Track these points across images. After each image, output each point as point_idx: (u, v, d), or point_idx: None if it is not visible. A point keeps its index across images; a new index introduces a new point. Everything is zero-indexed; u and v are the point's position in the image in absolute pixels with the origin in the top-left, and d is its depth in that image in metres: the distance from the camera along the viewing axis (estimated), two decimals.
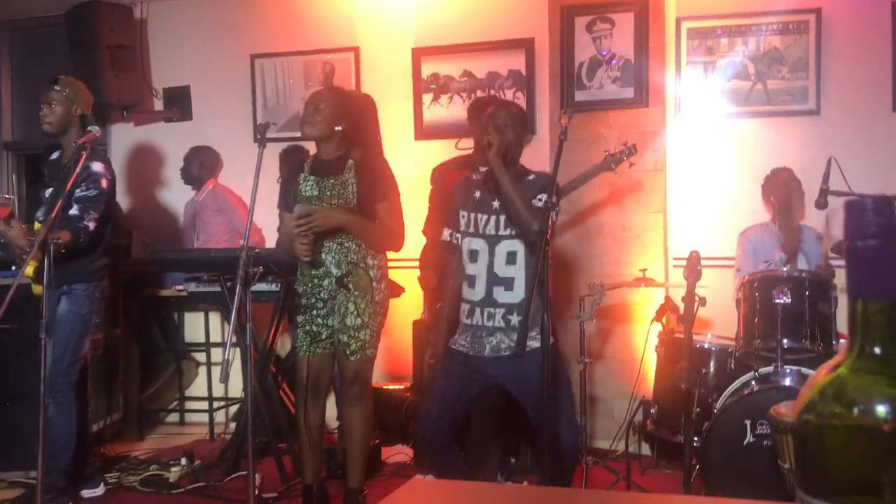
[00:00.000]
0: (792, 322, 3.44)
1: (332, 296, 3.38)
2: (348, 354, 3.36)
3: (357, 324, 3.34)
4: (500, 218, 3.11)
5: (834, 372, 0.57)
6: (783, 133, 4.66)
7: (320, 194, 3.36)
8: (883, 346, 0.55)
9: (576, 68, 4.67)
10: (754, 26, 4.66)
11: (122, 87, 5.29)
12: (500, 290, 3.09)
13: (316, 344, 3.41)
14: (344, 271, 3.35)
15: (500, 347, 3.09)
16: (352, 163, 3.38)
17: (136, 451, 4.78)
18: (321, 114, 3.32)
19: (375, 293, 3.38)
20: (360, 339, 3.35)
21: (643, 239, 4.57)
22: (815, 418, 0.56)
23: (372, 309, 3.37)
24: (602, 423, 4.57)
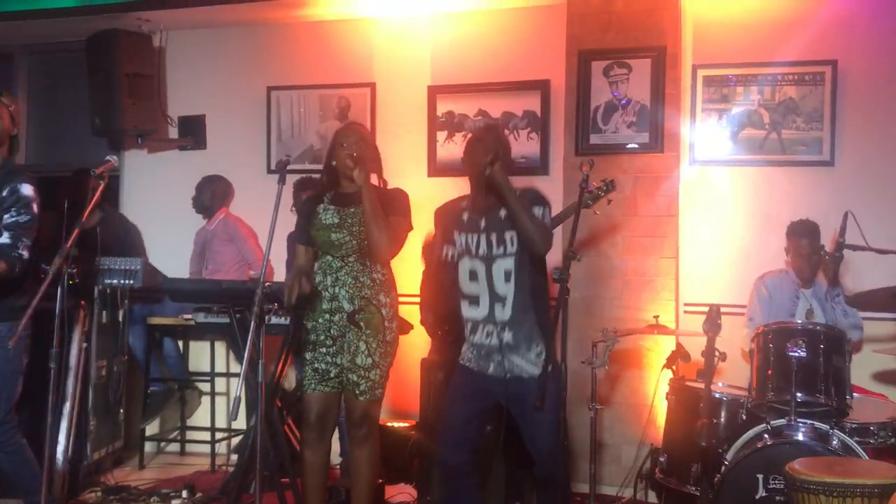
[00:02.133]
0: (806, 375, 3.42)
1: (342, 333, 3.35)
2: (357, 394, 3.33)
3: (368, 363, 3.31)
4: (490, 237, 3.20)
5: None
6: (797, 183, 4.67)
7: (341, 222, 3.35)
8: None
9: (591, 111, 4.69)
10: (770, 76, 4.69)
11: (139, 115, 5.31)
12: (499, 307, 3.18)
13: (324, 382, 3.38)
14: (356, 307, 3.32)
15: (502, 369, 3.16)
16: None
17: (137, 480, 4.72)
18: (363, 149, 3.35)
19: (387, 332, 3.36)
20: (370, 379, 3.32)
21: (655, 284, 4.56)
22: None
23: (383, 349, 3.35)
24: (609, 469, 4.52)
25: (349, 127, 3.56)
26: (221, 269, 5.07)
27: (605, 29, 4.65)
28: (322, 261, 3.40)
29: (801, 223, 4.18)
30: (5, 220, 3.28)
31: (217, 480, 4.57)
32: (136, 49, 5.36)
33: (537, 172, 5.00)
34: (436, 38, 5.27)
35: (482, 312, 3.20)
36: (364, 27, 5.37)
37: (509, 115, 5.12)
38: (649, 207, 4.57)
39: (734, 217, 4.77)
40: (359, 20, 5.36)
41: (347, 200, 3.38)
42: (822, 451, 3.24)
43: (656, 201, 4.57)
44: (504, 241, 3.18)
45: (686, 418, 3.71)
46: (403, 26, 5.31)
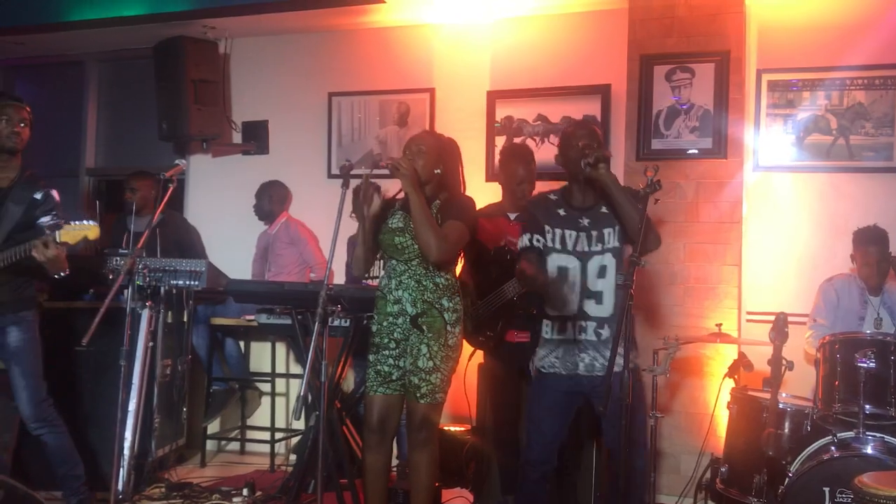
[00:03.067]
0: (875, 387, 3.33)
1: (406, 336, 3.38)
2: (418, 397, 3.35)
3: (429, 366, 3.33)
4: (591, 234, 3.23)
5: None
6: (865, 189, 4.56)
7: (405, 226, 3.39)
8: None
9: (653, 116, 4.65)
10: (837, 80, 4.58)
11: (204, 120, 5.44)
12: (591, 304, 3.19)
13: (386, 385, 3.40)
14: (419, 310, 3.35)
15: (594, 366, 3.17)
16: (438, 203, 3.41)
17: (198, 478, 4.82)
18: (423, 157, 3.37)
19: (449, 336, 3.37)
20: (431, 382, 3.34)
21: (717, 291, 4.49)
22: None
23: (444, 353, 3.36)
24: (668, 479, 4.46)
25: (418, 135, 3.57)
26: (283, 272, 5.15)
27: (668, 33, 4.61)
28: (388, 264, 3.45)
29: (869, 230, 4.07)
30: (49, 222, 3.48)
31: (276, 480, 4.64)
32: (202, 56, 5.50)
33: None
34: (495, 44, 5.28)
35: (571, 309, 3.21)
36: (424, 33, 5.42)
37: (569, 120, 5.10)
38: (711, 214, 4.51)
39: (799, 224, 4.67)
40: (419, 26, 5.41)
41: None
42: (892, 465, 3.15)
43: (719, 207, 4.51)
44: (603, 238, 3.22)
45: (748, 428, 3.65)
46: (463, 32, 5.34)
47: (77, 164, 6.39)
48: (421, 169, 3.33)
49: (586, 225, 3.25)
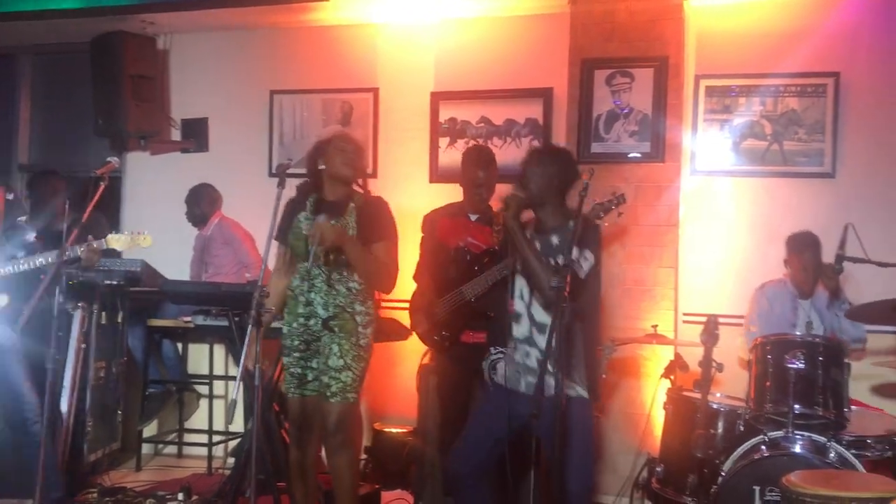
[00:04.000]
0: (804, 387, 3.41)
1: (317, 337, 3.37)
2: (329, 396, 3.34)
3: (340, 365, 3.33)
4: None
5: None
6: (798, 194, 4.67)
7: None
8: None
9: (593, 120, 4.70)
10: (772, 87, 4.69)
11: (142, 117, 5.33)
12: (537, 334, 3.14)
13: (303, 387, 3.40)
14: (331, 314, 3.35)
15: (531, 389, 3.10)
16: (353, 206, 3.39)
17: (133, 482, 4.72)
18: (360, 158, 3.40)
19: (361, 337, 3.38)
20: (341, 380, 3.33)
21: (654, 293, 4.56)
22: None
23: (356, 352, 3.35)
24: (605, 478, 4.51)
25: (344, 134, 3.54)
26: (221, 273, 5.08)
27: (608, 38, 4.66)
28: (301, 266, 3.41)
29: (802, 235, 4.16)
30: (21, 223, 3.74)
31: (214, 483, 4.56)
32: (140, 51, 5.38)
33: None
34: (439, 45, 5.28)
35: (523, 332, 3.18)
36: (368, 33, 5.39)
37: (511, 123, 5.13)
38: (649, 217, 4.57)
39: (734, 228, 4.77)
40: (363, 26, 5.38)
41: (328, 210, 3.38)
42: (818, 464, 3.23)
43: (657, 211, 4.57)
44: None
45: (683, 428, 3.71)
46: (408, 32, 5.33)
47: (9, 159, 6.21)
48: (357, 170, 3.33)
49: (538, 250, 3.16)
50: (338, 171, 3.37)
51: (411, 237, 4.71)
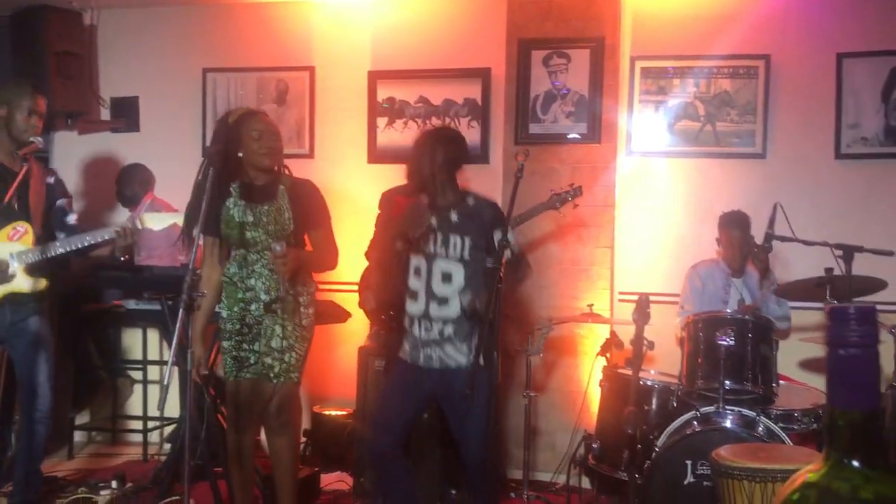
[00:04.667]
0: (734, 363, 3.49)
1: (259, 320, 3.34)
2: (272, 377, 3.31)
3: (283, 346, 3.31)
4: (436, 236, 3.22)
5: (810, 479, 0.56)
6: (730, 174, 4.76)
7: (255, 220, 3.30)
8: (861, 458, 0.54)
9: (531, 101, 4.70)
10: (706, 69, 4.76)
11: (69, 95, 5.14)
12: (435, 306, 3.21)
13: (245, 370, 3.36)
14: (273, 297, 3.31)
15: (431, 358, 3.22)
16: (283, 189, 3.33)
17: (64, 471, 4.60)
18: (278, 142, 3.32)
19: (303, 317, 3.37)
20: (284, 361, 3.31)
21: (590, 273, 4.61)
22: None
23: (298, 333, 3.34)
24: (544, 456, 4.57)
25: (257, 116, 3.35)
26: (154, 255, 4.95)
27: (545, 18, 4.67)
28: (237, 253, 3.35)
29: (732, 214, 4.25)
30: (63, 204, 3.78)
31: (149, 470, 4.49)
32: (65, 26, 5.18)
33: (478, 161, 4.99)
34: (377, 23, 5.21)
35: (419, 308, 3.24)
36: (304, 9, 5.29)
37: (450, 103, 5.10)
38: (586, 197, 4.56)
39: (669, 208, 4.84)
40: (299, 2, 5.28)
41: (259, 195, 3.32)
42: (748, 438, 3.32)
43: (593, 192, 4.61)
44: (448, 244, 3.20)
45: (618, 405, 3.75)
46: (344, 9, 5.24)
47: None
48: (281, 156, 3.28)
49: (433, 225, 3.24)
50: (259, 161, 3.28)
51: (350, 218, 4.67)
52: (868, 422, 0.54)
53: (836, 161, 4.62)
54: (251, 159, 3.28)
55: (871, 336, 0.55)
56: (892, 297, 4.07)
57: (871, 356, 0.54)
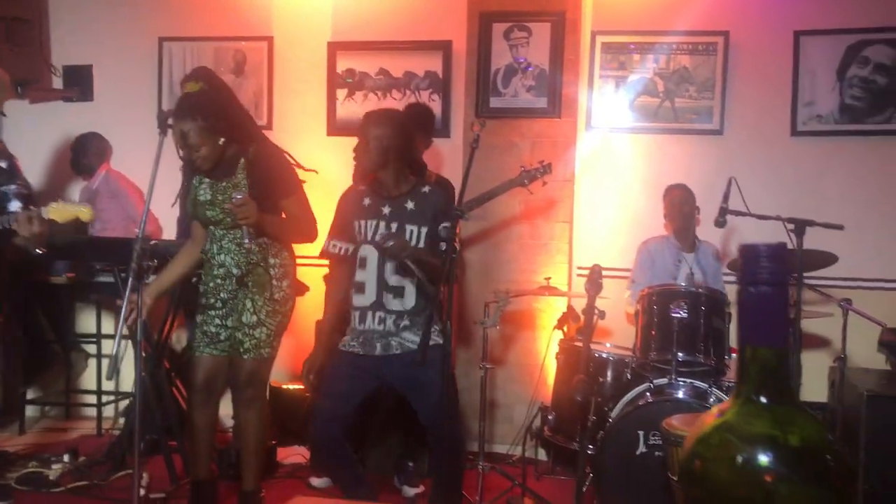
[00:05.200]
0: (687, 336, 3.53)
1: (233, 295, 3.29)
2: (242, 353, 3.26)
3: (253, 321, 3.25)
4: (389, 225, 3.14)
5: (721, 418, 0.56)
6: (687, 150, 4.80)
7: (213, 198, 3.25)
8: (769, 394, 0.54)
9: (492, 75, 4.68)
10: (665, 45, 4.77)
11: (18, 63, 5.02)
12: (390, 298, 3.14)
13: (213, 345, 3.31)
14: (244, 271, 3.26)
15: (390, 346, 3.15)
16: (244, 162, 3.26)
17: (15, 445, 4.53)
18: (200, 146, 3.13)
19: (275, 291, 3.29)
20: (255, 337, 3.26)
21: (549, 248, 4.63)
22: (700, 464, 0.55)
23: (270, 307, 3.28)
24: (501, 428, 4.60)
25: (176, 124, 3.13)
26: (108, 227, 4.87)
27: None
28: (209, 230, 3.33)
29: (669, 186, 4.38)
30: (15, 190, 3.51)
31: (103, 444, 4.43)
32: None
33: (439, 135, 4.94)
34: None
35: (368, 300, 3.15)
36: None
37: (411, 76, 5.06)
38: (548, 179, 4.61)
39: (628, 183, 4.87)
40: None
41: (220, 172, 3.26)
42: (699, 409, 3.36)
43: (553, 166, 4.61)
44: (403, 233, 3.10)
45: (573, 377, 3.79)
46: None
47: None
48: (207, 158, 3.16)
49: (386, 214, 3.15)
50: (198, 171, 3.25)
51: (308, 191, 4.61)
52: (777, 359, 0.54)
53: (792, 138, 4.67)
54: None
55: (780, 274, 0.55)
56: (843, 272, 4.16)
57: (780, 294, 0.54)
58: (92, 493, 3.81)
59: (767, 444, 0.53)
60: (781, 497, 0.52)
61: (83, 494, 3.80)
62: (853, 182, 4.61)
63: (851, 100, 4.59)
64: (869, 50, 4.54)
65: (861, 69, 4.57)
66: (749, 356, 0.55)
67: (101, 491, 3.81)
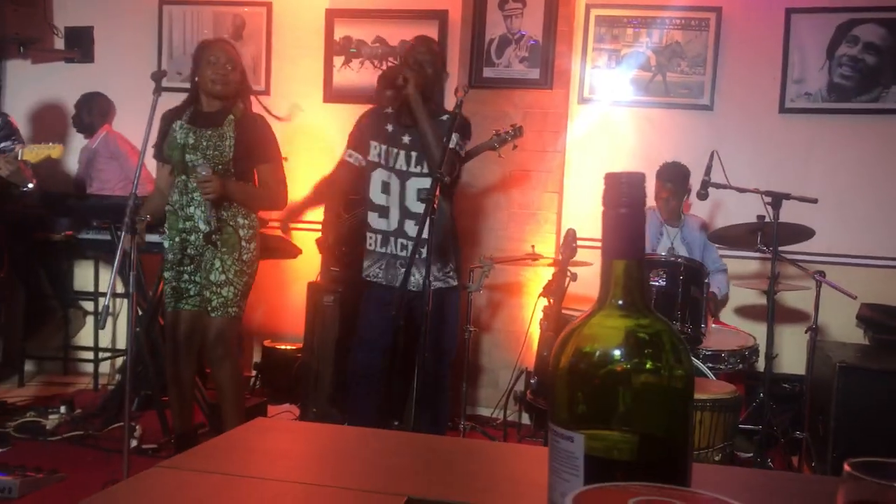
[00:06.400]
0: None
1: (200, 252, 3.36)
2: (210, 311, 3.35)
3: (221, 280, 3.33)
4: (410, 154, 3.26)
5: (585, 321, 0.65)
6: (678, 125, 4.86)
7: (196, 143, 3.31)
8: (624, 298, 0.64)
9: (486, 44, 4.75)
10: (659, 19, 4.83)
11: (21, 22, 5.08)
12: (412, 224, 3.24)
13: (185, 300, 3.40)
14: (212, 227, 3.33)
15: (411, 282, 3.20)
16: (232, 118, 3.34)
17: (14, 397, 4.66)
18: (235, 72, 3.32)
19: (244, 252, 3.37)
20: (222, 295, 3.34)
21: (538, 217, 4.72)
22: (565, 360, 0.65)
23: (238, 267, 3.35)
24: (486, 392, 4.72)
25: (218, 44, 3.42)
26: (106, 187, 4.96)
27: None
28: (179, 180, 3.36)
29: (670, 167, 4.34)
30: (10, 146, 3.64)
31: (99, 399, 4.56)
32: None
33: None
34: None
35: (391, 225, 3.29)
36: None
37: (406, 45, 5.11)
38: (536, 143, 4.70)
39: (617, 155, 4.93)
40: None
41: (205, 121, 3.35)
42: None
43: (543, 137, 4.70)
44: (422, 161, 3.24)
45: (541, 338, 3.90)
46: None
47: None
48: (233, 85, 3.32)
49: (407, 143, 3.29)
50: (207, 87, 3.32)
51: (304, 156, 4.72)
52: (636, 269, 0.64)
53: (780, 115, 4.74)
54: (203, 85, 3.32)
55: (639, 198, 0.64)
56: (818, 248, 4.25)
57: (638, 215, 0.63)
58: (87, 443, 3.93)
59: (621, 339, 0.63)
60: (631, 386, 0.62)
61: (78, 444, 3.93)
62: (837, 160, 4.68)
63: (840, 78, 4.65)
64: (859, 29, 4.60)
65: (851, 48, 4.63)
66: (612, 269, 0.64)
67: (96, 441, 3.94)
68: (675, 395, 0.63)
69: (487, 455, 1.12)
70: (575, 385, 0.63)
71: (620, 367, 0.62)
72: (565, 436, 0.62)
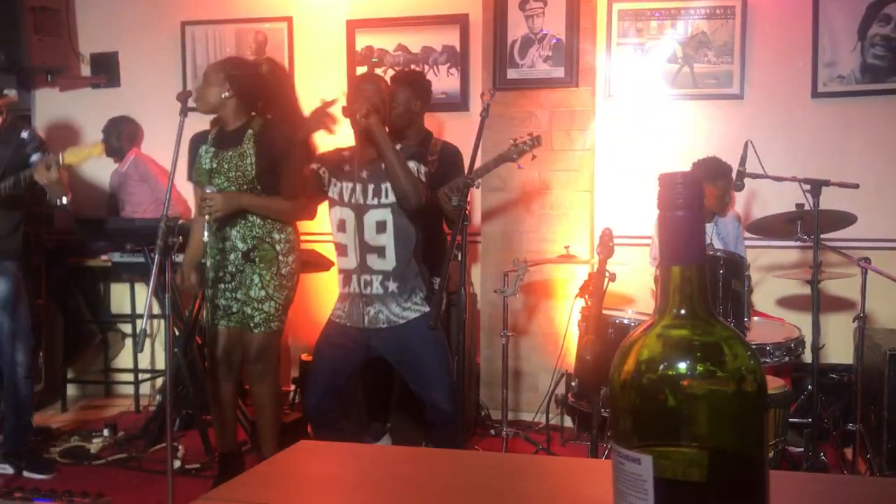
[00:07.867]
0: None
1: (240, 269, 3.36)
2: (252, 327, 3.35)
3: (261, 296, 3.33)
4: (366, 187, 3.18)
5: (645, 333, 0.61)
6: (708, 116, 4.78)
7: (218, 167, 3.33)
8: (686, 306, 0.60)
9: (508, 46, 4.71)
10: (683, 10, 4.75)
11: (47, 51, 5.14)
12: (374, 258, 3.16)
13: (227, 317, 3.40)
14: (250, 246, 3.33)
15: (378, 319, 3.18)
16: (251, 133, 3.34)
17: (59, 422, 4.71)
18: (206, 86, 3.33)
19: (282, 266, 3.37)
20: (263, 311, 3.34)
21: (570, 217, 4.66)
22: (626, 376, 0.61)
23: (277, 281, 3.36)
24: (527, 396, 4.67)
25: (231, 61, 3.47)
26: (138, 210, 5.00)
27: None
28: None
29: (712, 164, 4.14)
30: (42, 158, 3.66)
31: (141, 420, 4.58)
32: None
33: (458, 108, 5.02)
34: None
35: (351, 263, 3.20)
36: None
37: (429, 51, 5.10)
38: (565, 142, 4.65)
39: (647, 150, 4.86)
40: None
41: (227, 141, 3.35)
42: None
43: (571, 136, 4.64)
44: (380, 192, 3.16)
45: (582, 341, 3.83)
46: None
47: None
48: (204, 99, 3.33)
49: (364, 177, 3.19)
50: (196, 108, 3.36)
51: None
52: (698, 275, 0.60)
53: (813, 100, 4.63)
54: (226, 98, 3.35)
55: (696, 198, 0.60)
56: (861, 233, 4.14)
57: (697, 217, 0.59)
58: (131, 465, 3.95)
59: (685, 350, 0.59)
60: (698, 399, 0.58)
61: (122, 466, 3.95)
62: (875, 142, 4.56)
63: (873, 59, 4.54)
64: (890, 7, 4.48)
65: (883, 27, 4.51)
66: (670, 276, 0.60)
67: (139, 463, 3.95)
68: (747, 405, 0.59)
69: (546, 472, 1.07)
70: (638, 401, 0.59)
71: (687, 381, 0.58)
72: (632, 458, 0.58)
